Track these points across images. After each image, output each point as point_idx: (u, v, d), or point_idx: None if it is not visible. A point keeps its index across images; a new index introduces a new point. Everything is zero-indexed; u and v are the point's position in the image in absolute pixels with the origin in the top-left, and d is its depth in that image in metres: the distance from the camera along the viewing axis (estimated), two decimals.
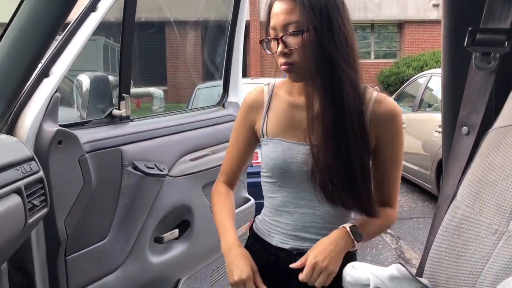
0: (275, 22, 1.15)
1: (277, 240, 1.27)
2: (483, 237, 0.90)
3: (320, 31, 1.10)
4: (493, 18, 0.95)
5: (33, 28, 1.12)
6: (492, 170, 0.92)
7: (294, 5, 1.12)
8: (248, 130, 1.31)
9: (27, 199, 1.08)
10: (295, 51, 1.13)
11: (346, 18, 1.15)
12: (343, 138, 1.14)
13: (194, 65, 9.77)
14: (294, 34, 1.12)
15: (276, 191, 1.26)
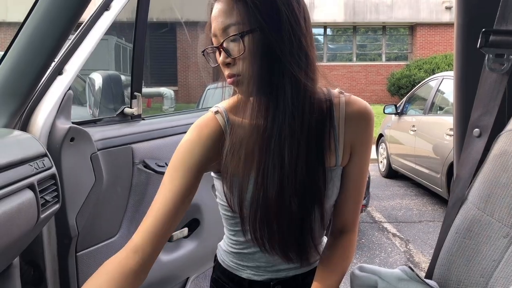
0: (214, 27, 0.92)
1: (249, 273, 1.09)
2: (494, 239, 0.89)
3: (266, 31, 0.87)
4: (507, 19, 0.95)
5: (47, 26, 1.14)
6: (504, 172, 0.92)
7: (232, 4, 0.89)
8: (200, 169, 0.99)
9: (39, 194, 1.10)
10: (238, 59, 0.90)
11: (302, 15, 0.92)
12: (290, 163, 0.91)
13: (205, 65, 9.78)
14: (234, 40, 0.89)
15: (239, 230, 1.05)
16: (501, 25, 0.95)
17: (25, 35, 1.15)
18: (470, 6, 1.07)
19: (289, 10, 0.89)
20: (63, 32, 1.16)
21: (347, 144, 0.99)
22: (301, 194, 0.93)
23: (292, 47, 0.89)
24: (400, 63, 16.74)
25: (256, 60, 0.89)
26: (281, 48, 0.88)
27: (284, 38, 0.88)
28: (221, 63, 0.93)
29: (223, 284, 1.14)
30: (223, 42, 0.90)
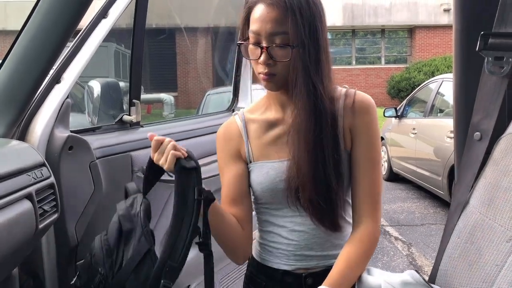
0: (259, 28, 1.05)
1: (281, 263, 1.18)
2: (497, 244, 0.88)
3: (307, 48, 1.04)
4: (506, 22, 0.94)
5: (44, 35, 1.14)
6: (505, 176, 0.91)
7: (285, 15, 1.03)
8: (236, 158, 1.20)
9: (38, 204, 1.09)
10: (279, 62, 1.06)
11: (326, 29, 1.10)
12: (319, 147, 1.07)
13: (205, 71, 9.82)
14: (281, 47, 1.04)
15: (271, 215, 1.18)
16: (499, 27, 0.95)
17: (22, 44, 1.15)
18: (468, 10, 1.06)
19: (323, 28, 1.08)
20: (61, 40, 1.15)
21: (346, 129, 1.12)
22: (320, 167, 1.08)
23: (322, 60, 1.07)
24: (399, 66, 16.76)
25: (294, 67, 1.05)
26: (315, 61, 1.06)
27: (319, 54, 1.07)
28: (262, 62, 1.06)
29: (255, 279, 1.22)
30: (269, 47, 1.05)
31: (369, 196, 1.12)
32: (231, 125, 1.22)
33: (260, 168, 1.16)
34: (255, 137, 1.18)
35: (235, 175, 1.19)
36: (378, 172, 1.14)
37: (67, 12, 1.11)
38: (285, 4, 1.03)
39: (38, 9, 1.13)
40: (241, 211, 1.18)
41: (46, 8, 1.11)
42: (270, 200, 1.16)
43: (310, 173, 1.08)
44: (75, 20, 1.14)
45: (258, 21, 1.05)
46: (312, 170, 1.08)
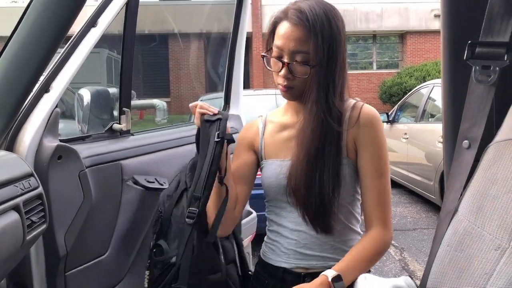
0: (283, 44, 1.15)
1: (281, 261, 1.26)
2: (486, 252, 0.89)
3: (325, 68, 1.14)
4: (492, 31, 0.95)
5: (33, 43, 1.13)
6: (494, 184, 0.91)
7: (308, 35, 1.13)
8: (248, 148, 1.34)
9: (25, 215, 1.08)
10: (298, 78, 1.17)
11: (345, 48, 1.20)
12: (320, 152, 1.17)
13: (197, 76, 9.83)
14: (302, 64, 1.15)
15: (277, 212, 1.28)
16: (486, 37, 0.95)
17: (10, 52, 1.14)
18: (456, 19, 1.07)
19: (342, 48, 1.17)
20: (50, 48, 1.14)
21: (350, 140, 1.20)
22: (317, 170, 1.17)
23: (339, 77, 1.18)
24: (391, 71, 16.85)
25: (313, 84, 1.16)
26: (333, 79, 1.17)
27: (337, 73, 1.17)
28: (282, 75, 1.17)
29: (260, 277, 1.32)
30: (289, 63, 1.15)
31: (378, 204, 1.19)
32: (254, 123, 1.37)
33: (269, 165, 1.28)
34: (269, 136, 1.31)
35: (244, 160, 1.33)
36: (386, 181, 1.21)
37: (57, 19, 1.11)
38: (309, 25, 1.12)
39: (27, 16, 1.12)
40: (239, 191, 1.30)
41: (36, 15, 1.10)
42: (274, 196, 1.26)
43: (307, 175, 1.17)
44: (65, 27, 1.13)
45: (282, 37, 1.15)
46: (309, 172, 1.17)
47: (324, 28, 1.13)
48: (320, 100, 1.16)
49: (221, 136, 1.22)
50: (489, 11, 0.96)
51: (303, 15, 1.14)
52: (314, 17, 1.13)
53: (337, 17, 1.18)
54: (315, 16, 1.13)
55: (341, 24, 1.19)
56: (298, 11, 1.15)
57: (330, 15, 1.16)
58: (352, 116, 1.20)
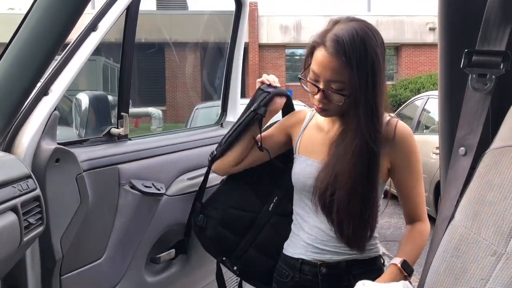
0: (319, 71, 1.18)
1: (299, 253, 1.35)
2: (482, 258, 0.89)
3: (365, 96, 1.17)
4: (489, 40, 0.97)
5: (33, 47, 1.13)
6: (490, 190, 0.92)
7: (344, 66, 1.14)
8: (283, 130, 1.45)
9: (23, 217, 1.08)
10: (333, 104, 1.21)
11: (383, 75, 1.22)
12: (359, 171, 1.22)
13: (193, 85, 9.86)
14: (336, 93, 1.18)
15: (299, 206, 1.37)
16: (483, 45, 0.97)
17: (10, 55, 1.15)
18: (452, 28, 1.09)
19: (380, 73, 1.19)
20: (50, 52, 1.15)
21: (385, 160, 1.26)
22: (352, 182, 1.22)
23: (372, 108, 1.19)
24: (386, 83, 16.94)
25: (347, 110, 1.20)
26: (368, 106, 1.18)
27: (371, 102, 1.18)
28: (317, 99, 1.21)
29: (281, 270, 1.41)
30: (324, 90, 1.19)
31: (420, 204, 1.33)
32: (303, 112, 1.44)
33: (301, 162, 1.35)
34: (308, 132, 1.38)
35: (274, 137, 1.45)
36: (421, 186, 1.34)
37: (57, 24, 1.11)
38: (345, 56, 1.13)
39: (27, 21, 1.12)
40: (251, 155, 1.46)
41: (36, 20, 1.11)
42: (300, 192, 1.35)
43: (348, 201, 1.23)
44: (65, 32, 1.14)
45: (319, 64, 1.18)
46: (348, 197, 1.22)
47: (361, 60, 1.14)
48: (361, 128, 1.19)
49: (255, 109, 1.38)
50: (486, 20, 0.97)
51: (340, 46, 1.14)
52: (351, 49, 1.13)
53: (376, 43, 1.18)
54: (353, 47, 1.14)
55: (380, 50, 1.19)
56: (335, 41, 1.15)
57: (369, 43, 1.16)
58: (387, 132, 1.25)
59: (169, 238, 1.84)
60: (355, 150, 1.20)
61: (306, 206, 1.35)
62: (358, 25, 1.18)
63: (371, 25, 1.22)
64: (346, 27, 1.17)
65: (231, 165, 1.48)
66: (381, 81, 1.20)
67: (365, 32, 1.17)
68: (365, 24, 1.20)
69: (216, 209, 1.57)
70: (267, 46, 17.13)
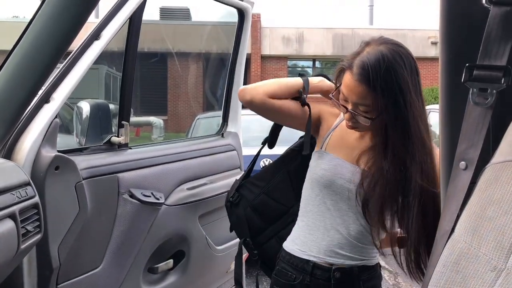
0: (347, 94, 1.21)
1: (311, 255, 1.32)
2: (482, 273, 0.88)
3: (395, 120, 1.18)
4: (490, 55, 0.97)
5: (35, 54, 1.14)
6: (490, 205, 0.92)
7: (369, 91, 1.16)
8: (317, 119, 1.41)
9: (21, 224, 1.07)
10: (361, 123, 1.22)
11: (413, 96, 1.20)
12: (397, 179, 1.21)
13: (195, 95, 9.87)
14: (363, 115, 1.20)
15: (317, 204, 1.33)
16: (484, 60, 0.97)
17: (12, 63, 1.15)
18: (454, 42, 1.09)
19: (408, 98, 1.17)
20: (52, 60, 1.15)
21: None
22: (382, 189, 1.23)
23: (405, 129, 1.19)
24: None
25: (373, 127, 1.22)
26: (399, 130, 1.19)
27: (406, 123, 1.18)
28: (347, 118, 1.24)
29: (286, 273, 1.36)
30: (352, 112, 1.20)
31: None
32: (336, 110, 1.40)
33: (330, 159, 1.33)
34: (340, 130, 1.36)
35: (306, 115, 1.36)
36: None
37: (59, 32, 1.12)
38: (370, 83, 1.15)
39: (31, 29, 1.13)
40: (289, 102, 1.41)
41: (39, 28, 1.12)
42: (321, 189, 1.32)
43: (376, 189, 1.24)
44: (67, 41, 1.14)
45: (346, 88, 1.21)
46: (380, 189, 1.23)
47: (386, 86, 1.15)
48: (395, 152, 1.20)
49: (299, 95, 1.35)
50: (487, 35, 0.98)
51: (365, 72, 1.16)
52: (375, 76, 1.15)
53: (404, 68, 1.18)
54: (377, 74, 1.15)
55: (408, 73, 1.19)
56: (361, 67, 1.17)
57: (395, 69, 1.16)
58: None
59: (167, 248, 1.83)
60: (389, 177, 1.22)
61: (323, 205, 1.33)
62: (387, 49, 1.18)
63: (402, 48, 1.21)
64: (374, 51, 1.18)
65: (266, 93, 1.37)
66: (410, 105, 1.19)
67: (392, 57, 1.17)
68: (394, 48, 1.19)
69: (252, 192, 1.55)
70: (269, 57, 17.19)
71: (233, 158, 2.23)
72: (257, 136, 6.53)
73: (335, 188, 1.30)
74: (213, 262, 2.03)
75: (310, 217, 1.35)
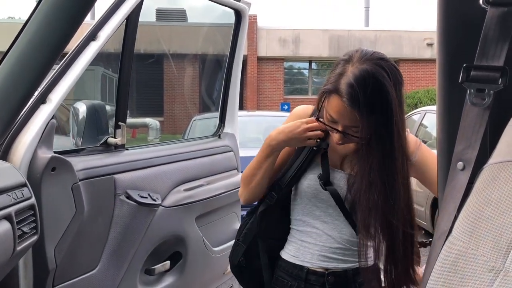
0: (337, 118, 1.19)
1: (305, 261, 1.32)
2: (480, 274, 0.88)
3: (386, 138, 1.18)
4: (487, 55, 0.97)
5: (32, 55, 1.13)
6: (488, 205, 0.92)
7: (359, 114, 1.15)
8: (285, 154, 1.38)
9: (17, 226, 1.06)
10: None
11: (399, 115, 1.20)
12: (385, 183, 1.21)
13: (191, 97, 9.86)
14: (355, 135, 1.19)
15: (306, 213, 1.33)
16: (481, 60, 0.97)
17: (8, 63, 1.14)
18: (451, 43, 1.09)
19: (395, 117, 1.17)
20: (48, 61, 1.15)
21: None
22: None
23: (394, 142, 1.19)
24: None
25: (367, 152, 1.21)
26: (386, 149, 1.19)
27: (393, 139, 1.19)
28: (336, 138, 1.22)
29: (282, 280, 1.36)
30: (343, 132, 1.19)
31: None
32: (307, 109, 1.36)
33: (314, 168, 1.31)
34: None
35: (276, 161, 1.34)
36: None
37: (56, 33, 1.11)
38: (360, 106, 1.14)
39: (27, 29, 1.12)
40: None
41: (35, 28, 1.11)
42: (310, 198, 1.31)
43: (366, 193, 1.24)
44: (64, 41, 1.14)
45: (335, 112, 1.18)
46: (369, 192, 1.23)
47: (376, 107, 1.15)
48: (385, 168, 1.20)
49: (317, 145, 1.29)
50: (484, 35, 0.98)
51: (355, 97, 1.14)
52: (364, 98, 1.13)
53: (391, 84, 1.17)
54: (366, 96, 1.13)
55: (394, 88, 1.17)
56: (349, 93, 1.14)
57: (382, 88, 1.15)
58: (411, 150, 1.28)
59: (164, 249, 1.82)
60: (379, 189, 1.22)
61: (312, 213, 1.33)
62: (371, 66, 1.16)
63: (386, 61, 1.19)
64: (359, 72, 1.15)
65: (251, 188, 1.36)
66: (396, 120, 1.19)
67: (379, 74, 1.15)
68: (378, 64, 1.17)
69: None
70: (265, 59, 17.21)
71: (230, 159, 2.23)
72: (254, 137, 6.54)
73: (323, 196, 1.30)
74: (210, 263, 2.03)
75: (301, 225, 1.35)
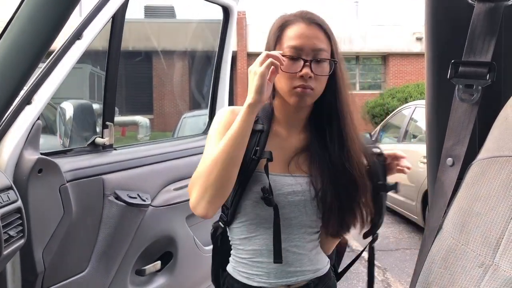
0: (303, 43, 1.10)
1: (261, 281, 1.17)
2: (470, 269, 0.89)
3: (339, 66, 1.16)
4: (475, 51, 0.97)
5: (16, 54, 1.11)
6: (477, 201, 0.92)
7: (323, 34, 1.14)
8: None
9: (3, 229, 1.05)
10: (318, 78, 1.11)
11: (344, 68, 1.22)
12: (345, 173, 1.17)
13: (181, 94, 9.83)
14: (323, 61, 1.12)
15: (253, 230, 1.17)
16: (469, 56, 0.97)
17: None
18: (439, 39, 1.09)
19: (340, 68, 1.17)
20: (33, 60, 1.13)
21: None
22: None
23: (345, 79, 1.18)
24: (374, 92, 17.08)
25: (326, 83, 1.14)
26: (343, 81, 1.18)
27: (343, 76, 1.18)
28: (304, 74, 1.09)
29: None
30: (312, 60, 1.10)
31: None
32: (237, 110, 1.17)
33: (263, 178, 1.12)
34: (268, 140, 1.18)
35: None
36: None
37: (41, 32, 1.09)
38: (322, 26, 1.14)
39: (10, 28, 1.10)
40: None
41: (19, 27, 1.09)
42: (257, 214, 1.15)
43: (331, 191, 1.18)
44: (49, 40, 1.12)
45: (299, 37, 1.12)
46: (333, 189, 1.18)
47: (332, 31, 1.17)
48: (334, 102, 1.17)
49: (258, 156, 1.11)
50: (471, 31, 0.98)
51: (316, 16, 1.16)
52: (322, 20, 1.16)
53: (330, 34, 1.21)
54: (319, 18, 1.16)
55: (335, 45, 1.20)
56: (309, 13, 1.16)
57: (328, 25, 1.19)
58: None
59: (154, 250, 1.81)
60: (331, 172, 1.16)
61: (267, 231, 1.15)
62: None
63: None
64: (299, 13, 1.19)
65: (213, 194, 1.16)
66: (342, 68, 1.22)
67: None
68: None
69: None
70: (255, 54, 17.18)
71: None
72: None
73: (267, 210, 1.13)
74: (201, 262, 2.02)
75: (249, 245, 1.18)
